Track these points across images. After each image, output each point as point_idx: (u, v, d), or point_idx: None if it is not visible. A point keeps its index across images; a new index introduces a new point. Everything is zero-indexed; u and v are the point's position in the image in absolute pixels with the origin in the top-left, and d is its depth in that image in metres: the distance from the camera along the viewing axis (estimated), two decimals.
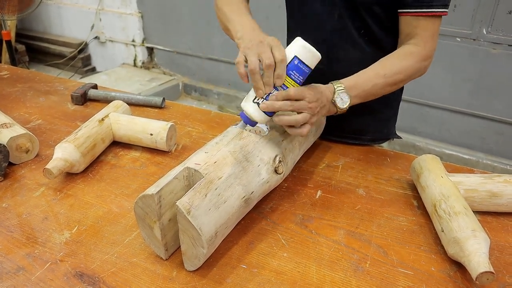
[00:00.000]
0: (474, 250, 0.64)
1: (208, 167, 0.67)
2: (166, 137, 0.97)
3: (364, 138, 1.11)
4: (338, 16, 0.97)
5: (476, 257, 0.63)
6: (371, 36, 0.98)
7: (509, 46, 2.38)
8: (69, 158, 0.88)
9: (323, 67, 1.01)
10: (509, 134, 2.57)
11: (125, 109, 1.11)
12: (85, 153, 0.91)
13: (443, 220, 0.71)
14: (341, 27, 0.98)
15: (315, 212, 0.81)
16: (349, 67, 0.95)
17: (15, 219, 0.77)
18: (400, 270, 0.67)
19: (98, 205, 0.82)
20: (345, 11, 0.96)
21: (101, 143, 0.98)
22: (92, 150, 0.94)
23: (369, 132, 1.12)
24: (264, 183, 0.75)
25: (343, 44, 1.00)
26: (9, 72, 1.55)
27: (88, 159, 0.93)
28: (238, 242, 0.73)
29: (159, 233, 0.65)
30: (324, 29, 1.00)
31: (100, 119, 1.01)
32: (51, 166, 0.85)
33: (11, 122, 0.98)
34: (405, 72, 0.90)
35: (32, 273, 0.65)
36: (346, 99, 0.85)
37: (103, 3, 4.11)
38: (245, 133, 0.78)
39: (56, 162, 0.86)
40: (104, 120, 1.01)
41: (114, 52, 4.27)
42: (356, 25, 0.97)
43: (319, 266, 0.67)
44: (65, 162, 0.88)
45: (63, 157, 0.88)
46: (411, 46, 0.91)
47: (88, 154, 0.93)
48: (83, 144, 0.92)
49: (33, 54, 4.56)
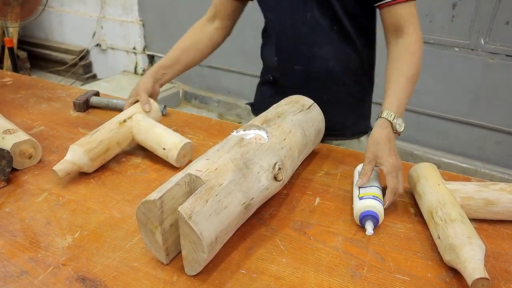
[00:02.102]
0: (470, 256, 0.65)
1: (209, 173, 0.69)
2: (177, 155, 0.95)
3: (346, 133, 1.19)
4: (310, 14, 1.02)
5: (471, 263, 0.64)
6: (343, 32, 1.03)
7: (506, 56, 2.41)
8: (77, 162, 0.90)
9: (302, 67, 1.08)
10: (506, 143, 2.58)
11: (154, 109, 1.09)
12: (94, 158, 0.92)
13: (439, 227, 0.72)
14: (314, 24, 1.03)
15: (314, 218, 0.82)
16: (325, 63, 1.05)
17: (18, 223, 0.78)
18: (397, 276, 0.68)
19: (100, 210, 0.83)
20: (318, 8, 1.01)
21: (116, 147, 0.98)
22: (104, 154, 0.95)
23: (349, 127, 1.19)
24: (264, 189, 0.76)
25: (316, 41, 1.05)
26: (12, 78, 1.56)
27: (98, 163, 0.95)
28: (237, 247, 0.74)
29: (161, 238, 0.66)
30: (297, 27, 1.05)
31: (122, 120, 1.01)
32: (58, 169, 0.87)
33: (15, 128, 1.00)
34: (418, 63, 0.96)
35: (35, 277, 0.66)
36: (401, 122, 0.89)
37: (105, 11, 4.14)
38: (246, 140, 0.80)
39: (64, 164, 0.89)
40: (125, 122, 1.00)
41: (115, 60, 4.30)
42: (328, 22, 1.02)
43: (317, 272, 0.68)
44: (72, 165, 0.90)
45: (72, 159, 0.90)
46: (404, 39, 0.97)
47: (98, 159, 0.94)
48: (94, 148, 0.92)
49: (35, 60, 4.58)
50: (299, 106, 0.97)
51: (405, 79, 0.93)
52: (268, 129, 0.85)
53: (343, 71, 1.09)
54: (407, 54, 0.96)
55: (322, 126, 1.02)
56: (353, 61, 1.09)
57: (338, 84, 1.11)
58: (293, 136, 0.88)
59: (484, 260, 0.65)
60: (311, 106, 0.99)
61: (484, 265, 0.64)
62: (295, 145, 0.88)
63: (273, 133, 0.85)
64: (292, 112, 0.94)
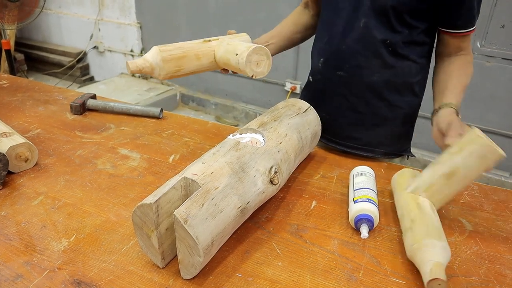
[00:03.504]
0: (425, 258, 0.66)
1: (205, 177, 0.69)
2: (246, 57, 0.88)
3: (377, 151, 1.12)
4: (365, 20, 0.99)
5: (427, 266, 0.64)
6: (396, 45, 1.00)
7: (502, 59, 2.42)
8: (149, 59, 0.90)
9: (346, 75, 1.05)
10: (503, 146, 2.56)
11: (246, 40, 1.04)
12: (167, 60, 0.90)
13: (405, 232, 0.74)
14: (366, 33, 1.00)
15: (310, 222, 0.82)
16: (370, 75, 1.02)
17: (14, 227, 0.78)
18: (392, 280, 0.68)
19: (96, 214, 0.83)
20: (372, 18, 0.98)
21: (194, 59, 0.96)
22: (179, 60, 0.93)
23: (382, 145, 1.13)
24: (260, 193, 0.76)
25: (366, 51, 1.02)
26: (9, 81, 1.56)
27: (171, 67, 0.92)
28: (233, 251, 0.74)
29: (156, 242, 0.66)
30: (347, 36, 1.02)
31: (208, 40, 0.99)
32: (131, 61, 0.89)
33: (11, 131, 1.00)
34: (470, 76, 1.05)
35: (30, 280, 0.66)
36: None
37: (103, 13, 4.15)
38: (242, 144, 0.80)
39: (138, 60, 0.91)
40: (210, 41, 0.99)
41: (113, 62, 4.30)
42: (382, 32, 0.99)
43: (313, 275, 0.68)
44: (144, 61, 0.90)
45: (146, 57, 0.91)
46: (464, 57, 1.04)
47: (171, 62, 0.91)
48: (170, 50, 0.91)
49: (32, 63, 4.58)
50: (296, 110, 0.97)
51: (463, 88, 1.01)
52: (264, 133, 0.86)
53: (387, 86, 1.05)
54: (466, 67, 1.04)
55: (318, 129, 1.02)
56: (400, 77, 1.05)
57: (379, 98, 1.07)
58: (289, 139, 0.88)
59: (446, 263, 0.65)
60: (307, 109, 1.00)
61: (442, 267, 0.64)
62: (291, 148, 0.88)
63: (269, 136, 0.85)
64: (289, 115, 0.94)
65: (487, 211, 0.87)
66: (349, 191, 0.88)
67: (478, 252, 0.75)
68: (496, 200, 0.91)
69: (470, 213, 0.86)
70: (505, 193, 0.94)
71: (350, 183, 0.89)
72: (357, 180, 0.87)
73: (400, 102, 1.08)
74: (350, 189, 0.86)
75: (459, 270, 0.70)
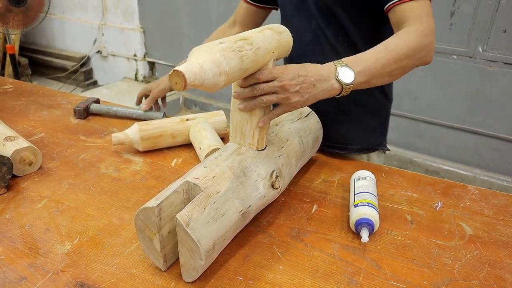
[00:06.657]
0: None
1: (207, 181, 0.69)
2: (204, 158, 0.98)
3: (350, 148, 1.14)
4: (316, 26, 1.01)
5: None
6: (349, 42, 1.01)
7: (504, 64, 2.42)
8: (130, 135, 1.05)
9: None
10: (505, 150, 2.59)
11: (221, 121, 1.17)
12: (144, 138, 1.05)
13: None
14: (318, 33, 1.02)
15: (311, 226, 0.82)
16: None
17: (18, 230, 0.79)
18: (392, 283, 0.69)
19: (99, 217, 0.84)
20: (322, 20, 1.00)
21: (170, 137, 1.09)
22: (156, 139, 1.07)
23: (355, 141, 1.14)
24: (261, 197, 0.77)
25: (322, 50, 1.04)
26: (13, 86, 1.58)
27: (148, 143, 1.06)
28: (235, 254, 0.75)
29: (159, 245, 0.67)
30: (303, 41, 1.04)
31: (185, 119, 1.12)
32: (114, 135, 1.04)
33: (15, 135, 1.01)
34: (407, 46, 0.83)
35: (34, 283, 0.67)
36: (349, 73, 0.79)
37: (106, 18, 4.17)
38: (243, 148, 0.81)
39: (121, 134, 1.05)
40: (187, 121, 1.12)
41: (116, 66, 4.32)
42: (332, 31, 1.00)
43: (314, 279, 0.69)
44: (125, 137, 1.05)
45: (128, 132, 1.06)
46: (405, 27, 0.86)
47: (148, 140, 1.06)
48: (148, 130, 1.05)
49: (36, 67, 4.61)
50: (297, 114, 0.98)
51: (383, 50, 0.83)
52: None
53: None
54: (397, 35, 0.86)
55: (320, 134, 1.03)
56: None
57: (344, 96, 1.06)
58: (291, 144, 0.89)
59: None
60: (309, 114, 1.00)
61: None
62: (293, 153, 0.89)
63: (270, 141, 0.86)
64: (290, 120, 0.95)
65: (487, 216, 0.87)
66: (350, 195, 0.88)
67: (478, 256, 0.75)
68: (496, 205, 0.91)
69: (471, 217, 0.87)
70: (506, 197, 0.94)
71: (351, 188, 0.89)
72: (358, 184, 0.88)
73: (367, 98, 1.09)
74: (351, 193, 0.87)
75: (459, 274, 0.71)
